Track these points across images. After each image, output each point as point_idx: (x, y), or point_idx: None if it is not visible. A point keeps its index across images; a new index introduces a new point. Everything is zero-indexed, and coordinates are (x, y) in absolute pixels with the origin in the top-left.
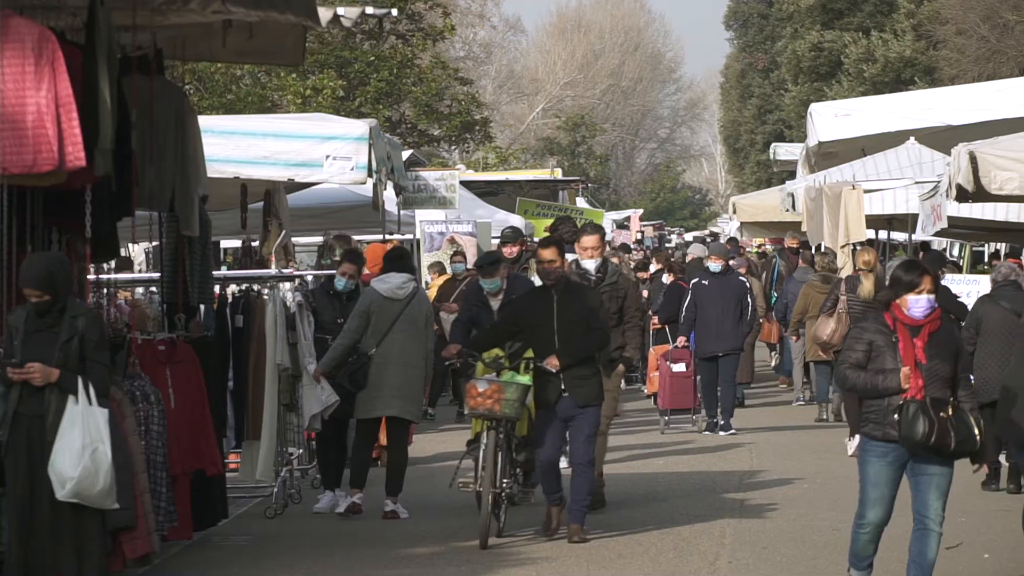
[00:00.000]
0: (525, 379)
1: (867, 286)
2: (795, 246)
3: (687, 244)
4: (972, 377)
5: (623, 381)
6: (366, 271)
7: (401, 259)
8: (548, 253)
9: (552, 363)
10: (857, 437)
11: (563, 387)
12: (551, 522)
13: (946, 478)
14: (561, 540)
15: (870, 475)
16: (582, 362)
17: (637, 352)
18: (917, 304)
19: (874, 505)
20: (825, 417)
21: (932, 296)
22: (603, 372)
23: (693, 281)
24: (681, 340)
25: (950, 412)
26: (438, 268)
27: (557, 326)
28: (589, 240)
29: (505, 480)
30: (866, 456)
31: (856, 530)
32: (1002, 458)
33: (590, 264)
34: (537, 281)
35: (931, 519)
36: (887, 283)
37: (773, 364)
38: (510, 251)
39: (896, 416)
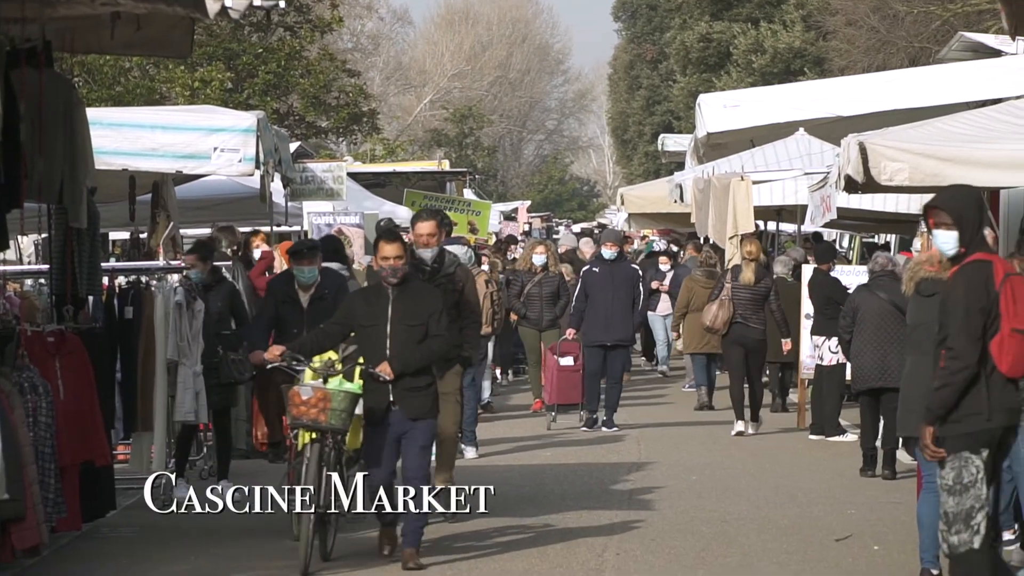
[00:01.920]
0: (355, 387)
1: (747, 274)
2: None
3: (578, 236)
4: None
5: (511, 373)
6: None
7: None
8: (391, 249)
9: (384, 370)
10: (741, 422)
11: (392, 399)
12: (383, 547)
13: None
14: (454, 533)
15: None
16: (417, 372)
17: (476, 351)
18: None
19: None
20: (705, 404)
21: None
22: (438, 373)
23: (584, 269)
24: (570, 332)
25: None
26: None
27: (391, 330)
28: (425, 226)
29: (334, 498)
30: None
31: None
32: (878, 443)
33: (426, 253)
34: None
35: None
36: None
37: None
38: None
39: None
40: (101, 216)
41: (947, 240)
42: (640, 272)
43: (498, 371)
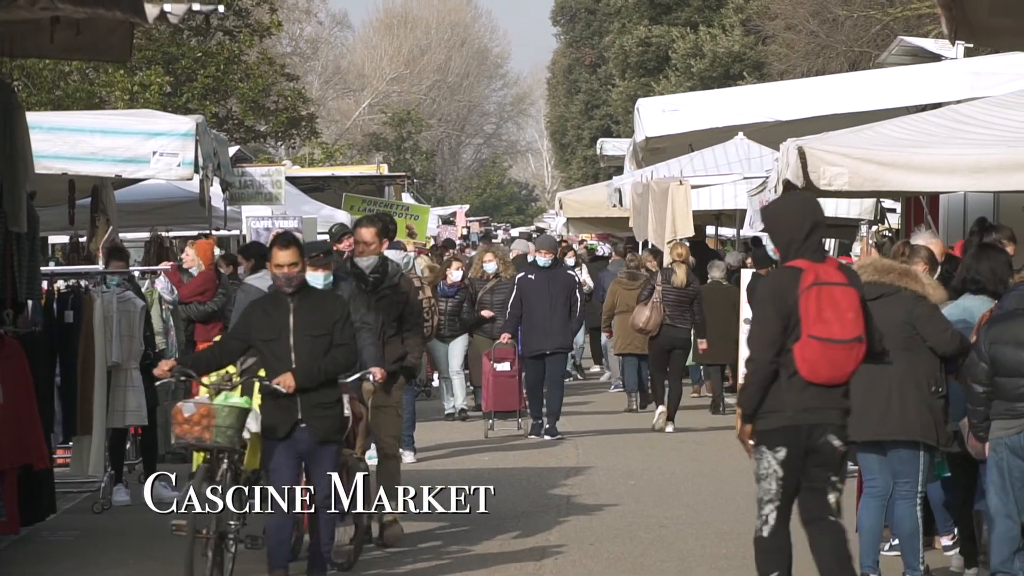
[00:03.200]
0: (242, 401)
1: (680, 275)
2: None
3: (513, 240)
4: None
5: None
6: (201, 267)
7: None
8: (286, 256)
9: (285, 383)
10: (662, 406)
11: (300, 416)
12: None
13: None
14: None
15: None
16: (323, 386)
17: (419, 360)
18: None
19: None
20: (635, 407)
21: None
22: (383, 388)
23: (518, 276)
24: (505, 337)
25: None
26: None
27: (294, 341)
28: (364, 233)
29: (231, 522)
30: None
31: None
32: None
33: (363, 261)
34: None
35: None
36: None
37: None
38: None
39: None
40: (40, 220)
41: (769, 244)
42: (577, 278)
43: (436, 375)
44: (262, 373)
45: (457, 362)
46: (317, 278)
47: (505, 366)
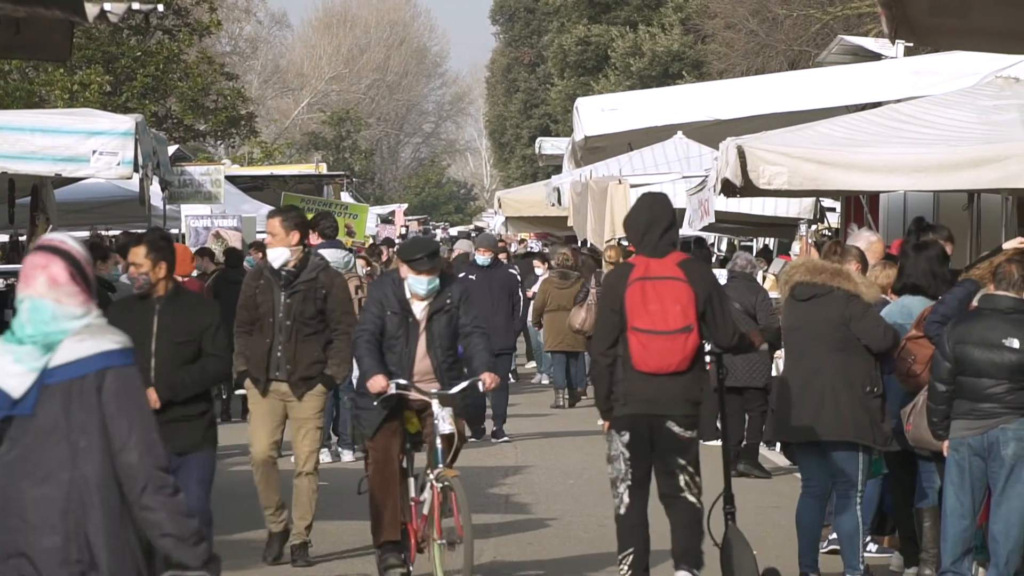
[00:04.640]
0: None
1: None
2: None
3: (452, 239)
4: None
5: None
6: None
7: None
8: (133, 254)
9: (150, 400)
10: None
11: None
12: None
13: None
14: (322, 538)
15: None
16: (189, 399)
17: (344, 368)
18: None
19: None
20: (561, 404)
21: None
22: (295, 395)
23: (459, 277)
24: None
25: None
26: None
27: (156, 347)
28: (271, 224)
29: None
30: None
31: None
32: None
33: (273, 254)
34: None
35: None
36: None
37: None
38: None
39: None
40: None
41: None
42: (519, 277)
43: None
44: None
45: None
46: (420, 283)
47: None
